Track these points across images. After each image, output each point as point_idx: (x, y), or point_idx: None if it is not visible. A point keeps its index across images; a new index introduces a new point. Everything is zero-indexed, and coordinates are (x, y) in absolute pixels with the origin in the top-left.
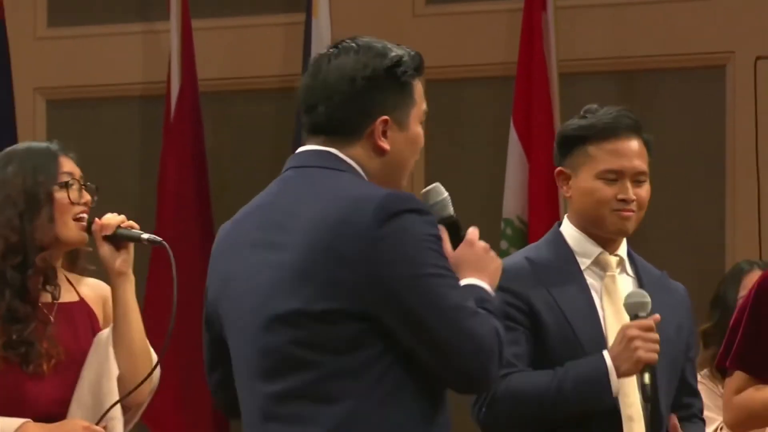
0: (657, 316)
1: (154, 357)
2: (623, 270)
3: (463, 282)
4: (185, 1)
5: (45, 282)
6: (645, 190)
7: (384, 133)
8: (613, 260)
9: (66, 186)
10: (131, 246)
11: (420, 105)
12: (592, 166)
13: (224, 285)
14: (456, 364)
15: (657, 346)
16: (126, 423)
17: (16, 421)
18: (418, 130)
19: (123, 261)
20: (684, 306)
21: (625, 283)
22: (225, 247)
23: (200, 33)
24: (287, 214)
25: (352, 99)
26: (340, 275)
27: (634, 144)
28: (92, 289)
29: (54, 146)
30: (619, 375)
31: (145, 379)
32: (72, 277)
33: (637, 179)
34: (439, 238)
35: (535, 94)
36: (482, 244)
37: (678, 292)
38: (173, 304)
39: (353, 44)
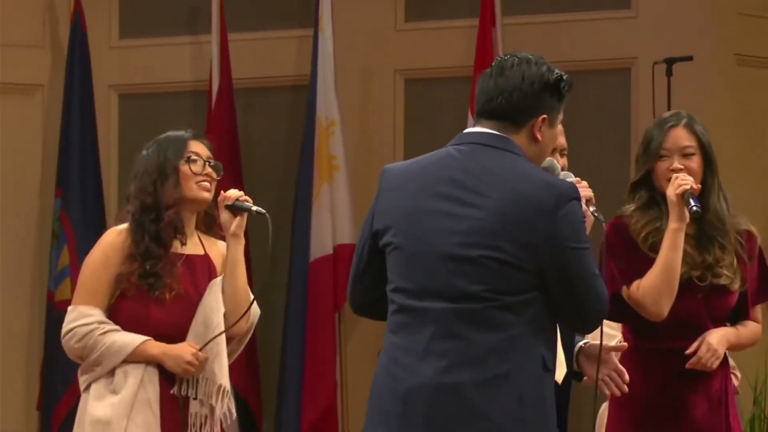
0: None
1: (255, 304)
2: None
3: None
4: (223, 18)
5: (176, 232)
6: (565, 161)
7: (540, 128)
8: None
9: (189, 161)
10: (245, 215)
11: (561, 112)
12: None
13: (405, 218)
14: (585, 314)
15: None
16: (231, 353)
17: (141, 337)
18: (556, 130)
19: (237, 226)
20: None
21: None
22: (402, 187)
23: (234, 43)
24: (478, 180)
25: (528, 97)
26: (526, 238)
27: (559, 125)
28: (219, 248)
29: (187, 134)
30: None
31: (242, 315)
32: (205, 238)
33: (563, 153)
34: (584, 219)
35: None
36: (583, 207)
37: None
38: (268, 258)
39: (531, 57)
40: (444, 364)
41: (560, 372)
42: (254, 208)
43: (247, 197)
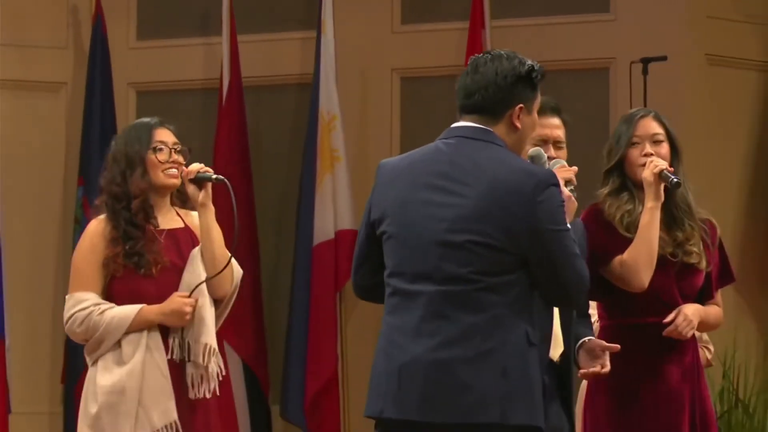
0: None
1: (237, 266)
2: None
3: None
4: (233, 21)
5: (147, 218)
6: (563, 153)
7: (518, 116)
8: None
9: (155, 150)
10: (209, 185)
11: (538, 99)
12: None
13: (399, 210)
14: (567, 292)
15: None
16: (219, 317)
17: (136, 306)
18: (536, 116)
19: (204, 196)
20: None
21: None
22: (396, 180)
23: (243, 44)
24: (462, 171)
25: (502, 90)
26: (508, 223)
27: (556, 120)
28: (196, 219)
29: (152, 121)
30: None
31: (220, 272)
32: (182, 211)
33: (558, 146)
34: (564, 202)
35: None
36: (566, 191)
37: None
38: (234, 226)
39: (503, 53)
40: (434, 342)
41: (556, 350)
42: (213, 176)
43: (207, 168)
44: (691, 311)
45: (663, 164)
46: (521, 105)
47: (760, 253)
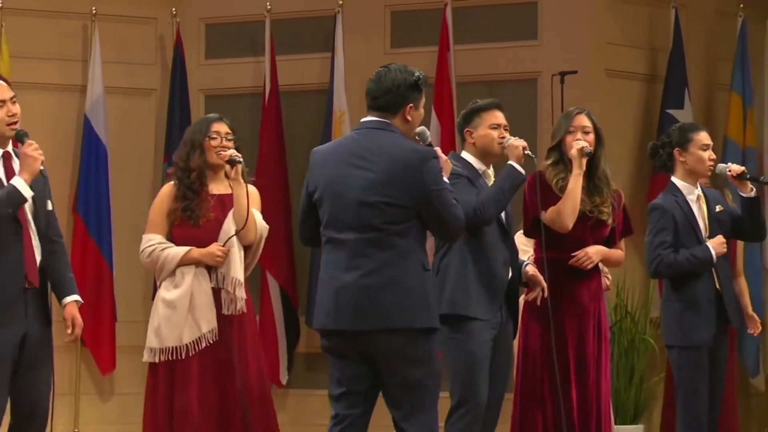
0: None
1: (262, 224)
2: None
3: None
4: (272, 45)
5: (201, 185)
6: (507, 134)
7: (409, 113)
8: (491, 172)
9: (211, 138)
10: (239, 165)
11: (423, 98)
12: (485, 123)
13: (329, 182)
14: (449, 231)
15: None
16: (248, 266)
17: (185, 248)
18: (422, 110)
19: (235, 173)
20: None
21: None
22: (325, 162)
23: (280, 62)
24: (370, 152)
25: (399, 95)
26: (404, 186)
27: (501, 113)
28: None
29: (213, 116)
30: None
31: (240, 230)
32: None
33: (506, 129)
34: (441, 170)
35: (445, 94)
36: (443, 157)
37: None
38: (247, 194)
39: (397, 66)
40: (359, 273)
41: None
42: (238, 159)
43: (237, 154)
44: (593, 251)
45: (583, 144)
46: (411, 105)
47: (637, 215)
